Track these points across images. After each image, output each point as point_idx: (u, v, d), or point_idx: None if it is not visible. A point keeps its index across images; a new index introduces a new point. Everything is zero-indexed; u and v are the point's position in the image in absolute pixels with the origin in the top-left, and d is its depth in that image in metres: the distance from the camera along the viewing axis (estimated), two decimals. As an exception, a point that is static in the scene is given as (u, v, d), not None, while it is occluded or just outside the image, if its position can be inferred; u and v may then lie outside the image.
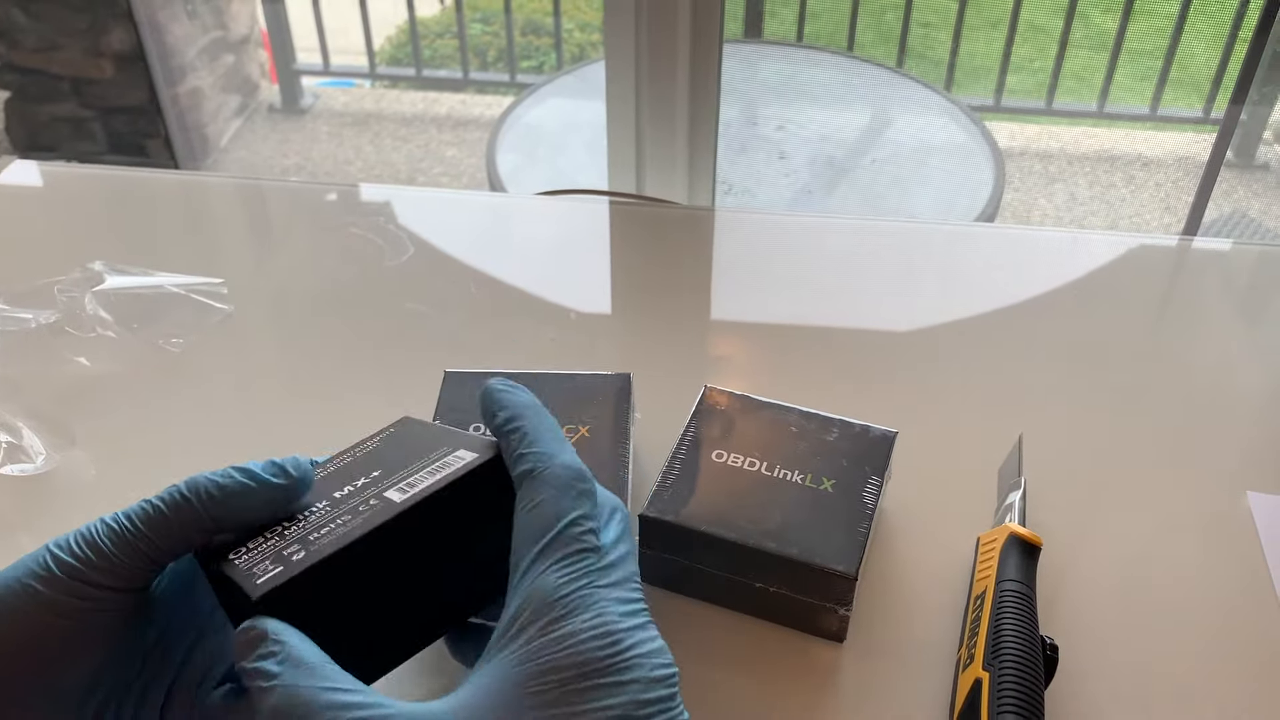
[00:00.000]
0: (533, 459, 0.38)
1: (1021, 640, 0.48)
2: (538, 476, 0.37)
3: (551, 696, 0.31)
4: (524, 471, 0.37)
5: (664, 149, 1.04)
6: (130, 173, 0.93)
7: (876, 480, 0.55)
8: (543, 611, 0.33)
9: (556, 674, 0.32)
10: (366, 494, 0.39)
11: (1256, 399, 0.69)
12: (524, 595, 0.34)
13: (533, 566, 0.35)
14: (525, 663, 0.32)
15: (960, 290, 0.78)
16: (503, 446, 0.39)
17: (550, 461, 0.37)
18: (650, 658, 0.33)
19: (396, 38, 3.14)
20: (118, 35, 2.28)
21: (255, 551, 0.37)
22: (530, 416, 0.39)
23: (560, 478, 0.37)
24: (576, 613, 0.33)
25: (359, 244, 0.82)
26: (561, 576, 0.34)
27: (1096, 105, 2.68)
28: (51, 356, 0.69)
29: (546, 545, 0.35)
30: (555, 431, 0.39)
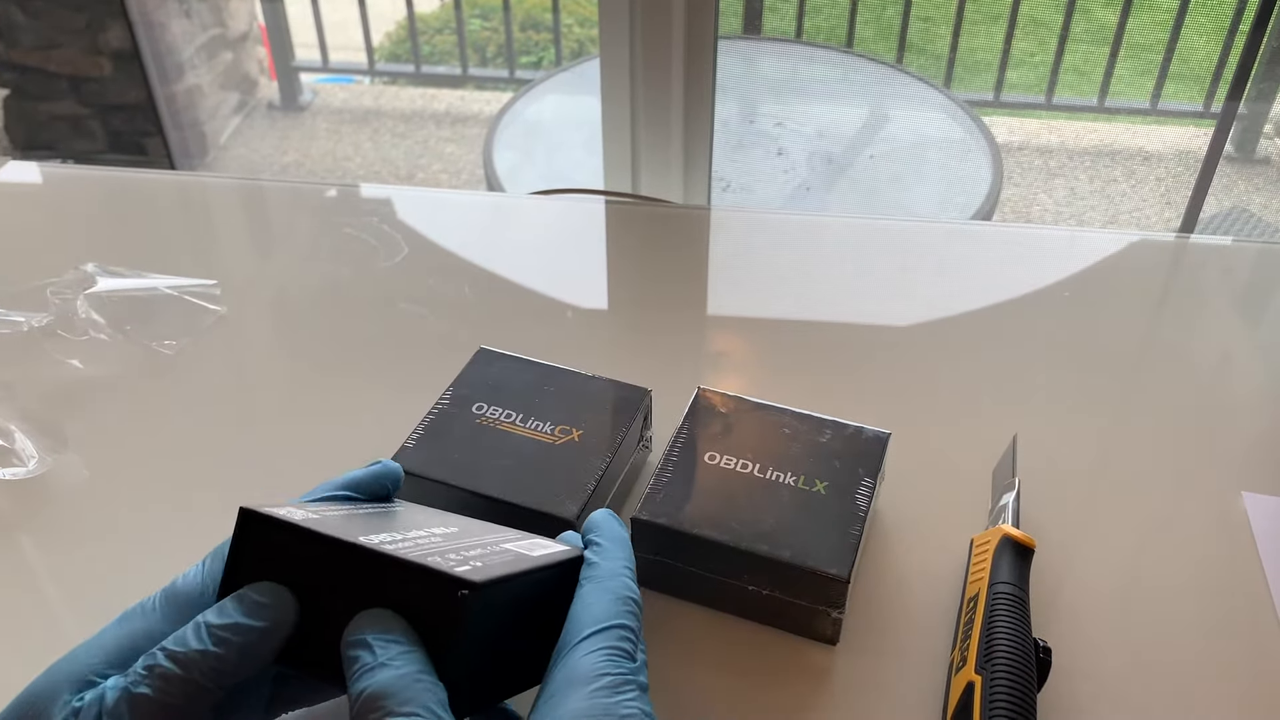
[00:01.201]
0: (600, 569, 0.42)
1: (1014, 643, 0.48)
2: (598, 583, 0.41)
3: None
4: (587, 576, 0.42)
5: (659, 148, 1.03)
6: (126, 173, 0.93)
7: (869, 482, 0.54)
8: (585, 683, 0.37)
9: None
10: (478, 540, 0.41)
11: (1253, 399, 0.69)
12: (567, 668, 0.37)
13: (580, 645, 0.38)
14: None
15: (956, 289, 0.78)
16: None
17: (614, 577, 0.42)
18: None
19: (395, 34, 3.13)
20: (116, 33, 2.27)
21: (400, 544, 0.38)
22: (616, 543, 0.44)
23: (618, 589, 0.41)
24: (619, 690, 0.37)
25: (353, 244, 0.82)
26: (605, 659, 0.38)
27: (1097, 100, 2.67)
28: (44, 359, 0.69)
29: (596, 632, 0.39)
30: (629, 561, 0.43)
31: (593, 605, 0.40)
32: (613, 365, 0.62)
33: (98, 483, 0.62)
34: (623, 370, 0.61)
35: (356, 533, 0.38)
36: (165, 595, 0.40)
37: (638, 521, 0.52)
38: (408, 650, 0.35)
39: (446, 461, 0.55)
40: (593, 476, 0.54)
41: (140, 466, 0.62)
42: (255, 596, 0.37)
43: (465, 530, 0.43)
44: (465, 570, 0.36)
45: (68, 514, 0.59)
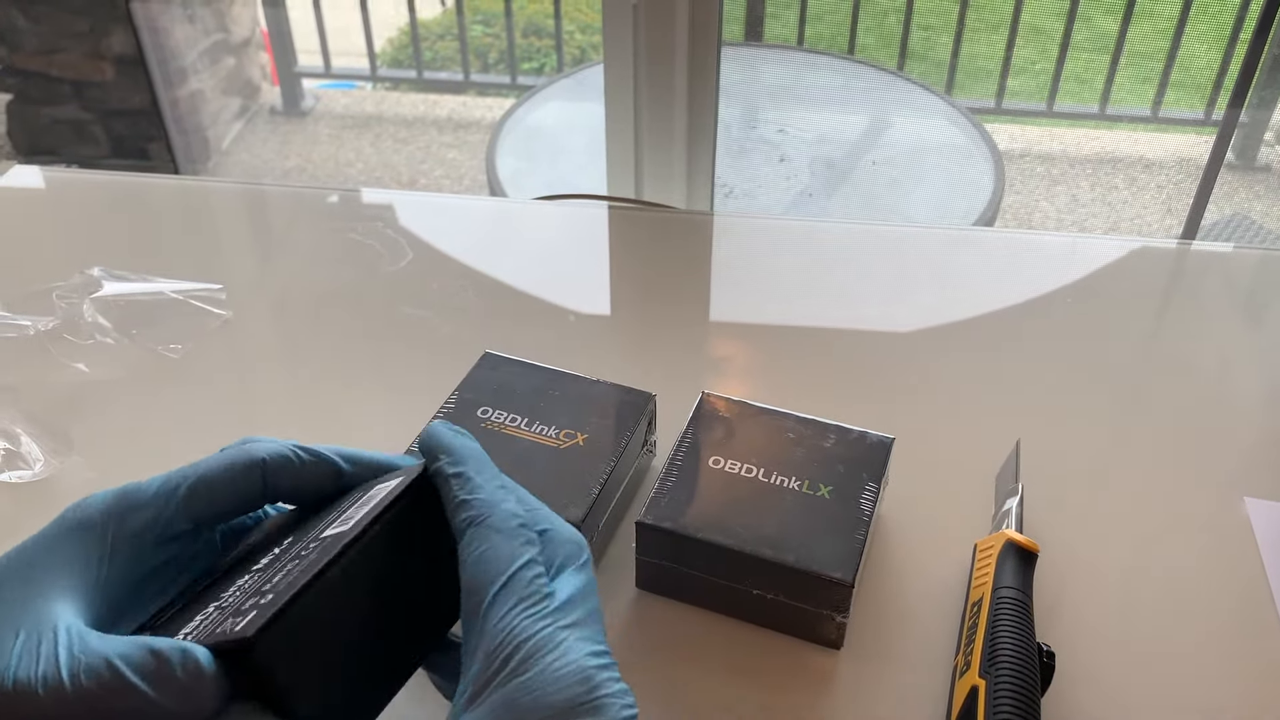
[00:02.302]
0: (476, 505, 0.37)
1: (1018, 648, 0.48)
2: (481, 524, 0.37)
3: None
4: (466, 519, 0.37)
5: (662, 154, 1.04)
6: (130, 178, 0.93)
7: (874, 486, 0.54)
8: (510, 656, 0.33)
9: (534, 716, 0.32)
10: (306, 541, 0.38)
11: (1254, 404, 0.69)
12: (488, 642, 0.34)
13: (489, 612, 0.34)
14: (499, 709, 0.32)
15: (958, 295, 0.78)
16: (443, 492, 0.39)
17: (493, 509, 0.37)
18: (618, 698, 0.33)
19: (398, 40, 3.14)
20: (119, 38, 2.28)
21: (207, 620, 0.35)
22: (473, 463, 0.39)
23: (505, 525, 0.37)
24: (544, 653, 0.33)
25: (357, 249, 0.82)
26: (523, 619, 0.34)
27: (1098, 107, 2.68)
28: (50, 363, 0.69)
29: (500, 590, 0.35)
30: (498, 480, 0.39)
31: (479, 561, 0.36)
32: (616, 370, 0.62)
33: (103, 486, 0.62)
34: (626, 375, 0.61)
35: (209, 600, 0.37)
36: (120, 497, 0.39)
37: (642, 526, 0.53)
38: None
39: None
40: (597, 481, 0.54)
41: (146, 470, 0.62)
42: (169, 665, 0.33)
43: (304, 533, 0.40)
44: (242, 624, 0.33)
45: (73, 517, 0.59)
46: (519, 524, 0.37)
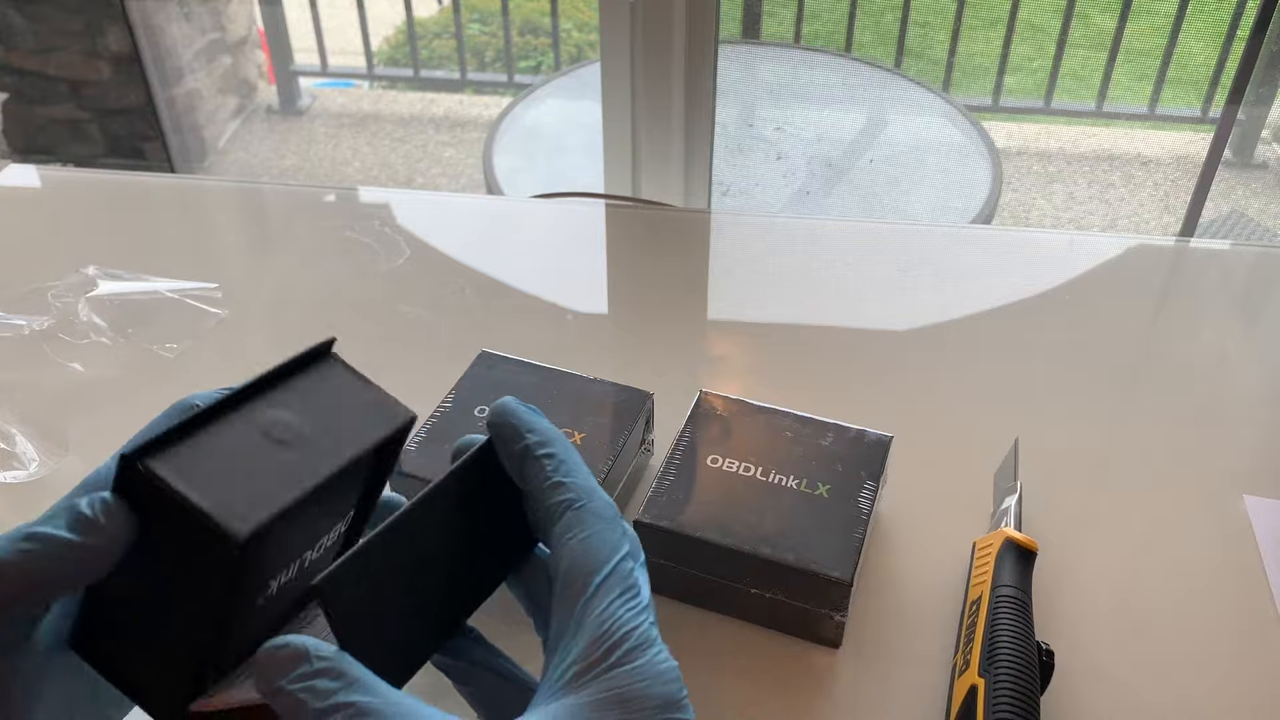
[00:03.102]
0: (575, 490, 0.37)
1: (1017, 646, 0.48)
2: (584, 509, 0.37)
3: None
4: (564, 501, 0.37)
5: (660, 152, 1.03)
6: (125, 177, 0.93)
7: (872, 485, 0.54)
8: (617, 645, 0.34)
9: (640, 705, 0.33)
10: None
11: (1254, 402, 0.69)
12: (593, 628, 0.34)
13: (594, 599, 0.35)
14: (608, 694, 0.33)
15: (956, 293, 0.78)
16: (529, 470, 0.38)
17: (594, 496, 0.37)
18: (690, 703, 0.35)
19: (394, 38, 3.14)
20: (115, 37, 2.27)
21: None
22: (561, 445, 0.39)
23: (605, 512, 0.37)
24: (647, 647, 0.34)
25: (354, 248, 0.82)
26: (625, 611, 0.35)
27: (1095, 104, 2.68)
28: (45, 362, 0.69)
29: (605, 580, 0.35)
30: (584, 465, 0.39)
31: (582, 546, 0.36)
32: (613, 368, 0.62)
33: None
34: (623, 373, 0.61)
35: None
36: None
37: (640, 525, 0.52)
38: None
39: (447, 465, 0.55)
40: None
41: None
42: (85, 511, 0.33)
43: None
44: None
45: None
46: (615, 513, 0.37)
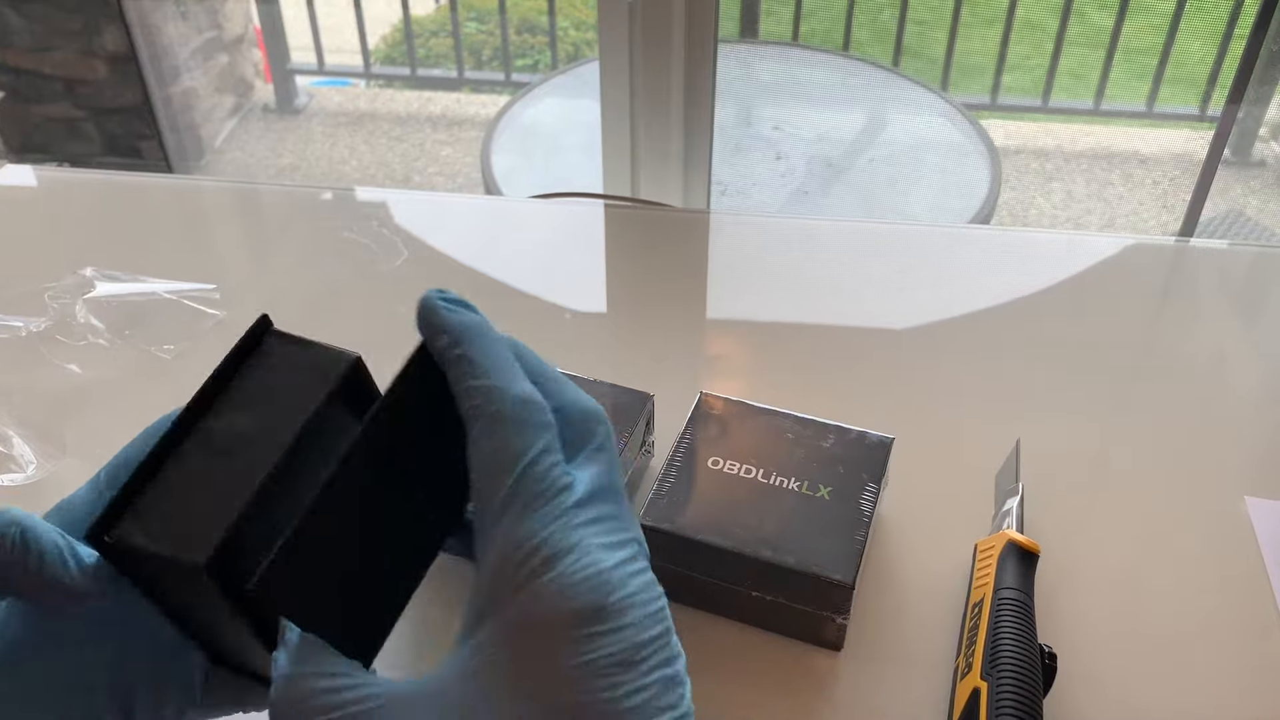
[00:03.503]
0: (481, 393, 0.34)
1: (1020, 649, 0.48)
2: (488, 414, 0.33)
3: (546, 651, 0.30)
4: (473, 408, 0.34)
5: (659, 151, 1.03)
6: (122, 176, 0.93)
7: (873, 487, 0.54)
8: (522, 564, 0.31)
9: (549, 628, 0.30)
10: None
11: (1255, 403, 0.68)
12: (498, 550, 0.31)
13: (502, 516, 0.32)
14: (514, 622, 0.30)
15: (957, 293, 0.78)
16: (449, 376, 0.35)
17: (502, 397, 0.33)
18: (640, 594, 0.31)
19: (391, 37, 3.13)
20: (111, 36, 2.27)
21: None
22: (477, 342, 0.35)
23: (514, 413, 0.33)
24: (560, 558, 0.31)
25: (352, 248, 0.81)
26: (534, 522, 0.31)
27: (1093, 103, 2.68)
28: (42, 364, 0.69)
29: (511, 490, 0.32)
30: (505, 358, 0.35)
31: (488, 456, 0.32)
32: (612, 369, 0.61)
33: (96, 488, 0.61)
34: (622, 375, 0.61)
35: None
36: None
37: (641, 527, 0.52)
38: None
39: None
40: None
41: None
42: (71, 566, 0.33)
43: None
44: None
45: (66, 520, 0.59)
46: (529, 410, 0.33)
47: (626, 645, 0.30)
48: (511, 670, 0.30)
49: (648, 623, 0.31)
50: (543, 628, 0.30)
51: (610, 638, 0.30)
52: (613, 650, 0.30)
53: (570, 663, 0.29)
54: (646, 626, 0.31)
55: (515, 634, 0.30)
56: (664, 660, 0.31)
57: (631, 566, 0.32)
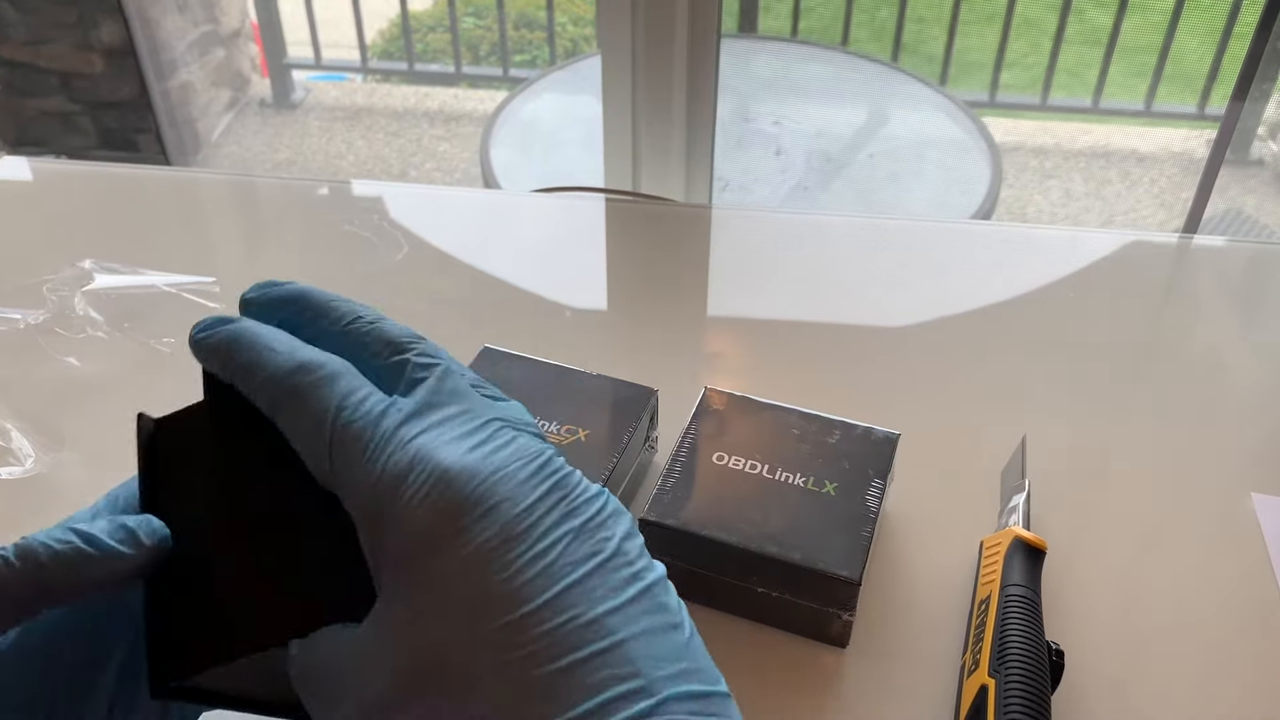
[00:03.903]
0: (264, 389, 0.33)
1: (1027, 646, 0.47)
2: (279, 403, 0.32)
3: (428, 573, 0.28)
4: (265, 405, 0.33)
5: (661, 145, 1.03)
6: (120, 169, 0.92)
7: (879, 483, 0.54)
8: (373, 509, 0.29)
9: (421, 549, 0.28)
10: None
11: (1261, 400, 0.68)
12: (356, 510, 0.30)
13: (342, 480, 0.31)
14: (395, 562, 0.29)
15: (960, 289, 0.78)
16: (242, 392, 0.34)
17: (280, 380, 0.32)
18: (509, 465, 0.30)
19: (388, 31, 3.12)
20: (107, 29, 2.26)
21: None
22: (243, 346, 0.34)
23: (296, 386, 0.32)
24: (401, 481, 0.29)
25: (353, 241, 0.81)
26: (366, 465, 0.30)
27: (1091, 101, 2.67)
28: (41, 357, 0.68)
29: (333, 452, 0.31)
30: (273, 341, 0.33)
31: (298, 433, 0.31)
32: (614, 364, 0.61)
33: (95, 482, 0.61)
34: (624, 369, 0.60)
35: None
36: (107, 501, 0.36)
37: (645, 523, 0.52)
38: None
39: None
40: (599, 477, 0.53)
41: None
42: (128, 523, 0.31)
43: None
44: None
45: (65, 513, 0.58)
46: (308, 371, 0.32)
47: (504, 520, 0.28)
48: (413, 606, 0.28)
49: (525, 490, 0.29)
50: (417, 552, 0.28)
51: (480, 524, 0.28)
52: (489, 534, 0.28)
53: (453, 569, 0.28)
54: (525, 493, 0.29)
55: (400, 573, 0.28)
56: (562, 515, 0.29)
57: (487, 447, 0.30)
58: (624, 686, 0.27)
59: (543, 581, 0.28)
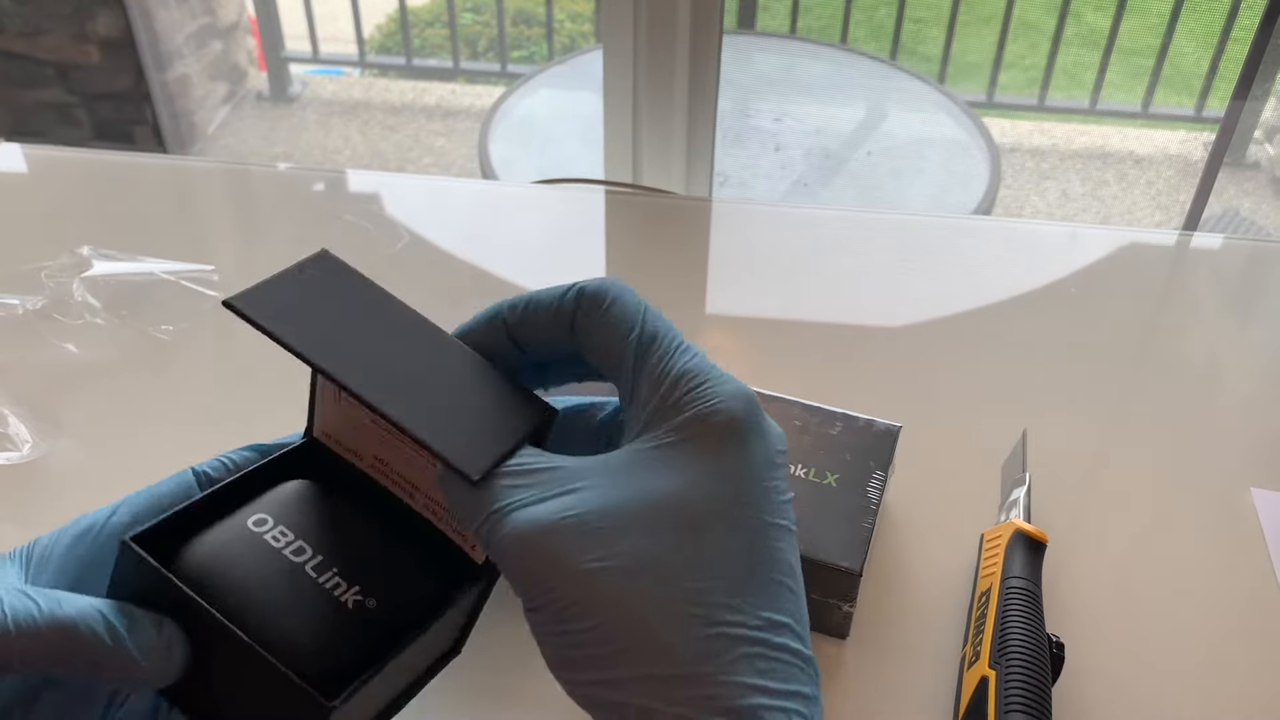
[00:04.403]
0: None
1: (1028, 638, 0.47)
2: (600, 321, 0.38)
3: (715, 445, 0.33)
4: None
5: (661, 139, 1.02)
6: (118, 156, 0.92)
7: (881, 475, 0.54)
8: (678, 383, 0.34)
9: (717, 426, 0.33)
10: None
11: (1261, 395, 0.68)
12: (651, 380, 0.35)
13: (642, 359, 0.36)
14: (688, 420, 0.33)
15: (960, 283, 0.78)
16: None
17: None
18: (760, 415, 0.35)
19: (386, 26, 3.12)
20: (104, 20, 2.25)
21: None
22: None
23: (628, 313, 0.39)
24: (707, 374, 0.35)
25: (352, 232, 0.81)
26: (673, 357, 0.36)
27: (1089, 102, 2.68)
28: (38, 343, 0.68)
29: (639, 340, 0.37)
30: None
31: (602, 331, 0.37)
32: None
33: (93, 468, 0.61)
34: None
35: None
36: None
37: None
38: None
39: None
40: None
41: (136, 452, 0.61)
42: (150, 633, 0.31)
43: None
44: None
45: (62, 499, 0.58)
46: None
47: (774, 443, 0.34)
48: (684, 454, 0.32)
49: (780, 437, 0.35)
50: (714, 426, 0.33)
51: (760, 441, 0.33)
52: (764, 450, 0.33)
53: (736, 457, 0.33)
54: (780, 437, 0.35)
55: (691, 428, 0.33)
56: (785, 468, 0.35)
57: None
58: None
59: (785, 510, 0.34)
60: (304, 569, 0.34)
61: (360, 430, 0.38)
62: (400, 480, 0.38)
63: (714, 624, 0.30)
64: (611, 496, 0.31)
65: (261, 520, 0.35)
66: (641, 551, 0.30)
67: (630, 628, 0.30)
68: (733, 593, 0.31)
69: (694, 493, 0.32)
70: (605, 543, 0.30)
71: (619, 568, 0.30)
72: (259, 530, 0.35)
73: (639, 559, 0.30)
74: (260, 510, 0.36)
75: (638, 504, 0.31)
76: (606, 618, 0.30)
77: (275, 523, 0.35)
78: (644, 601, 0.30)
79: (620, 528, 0.31)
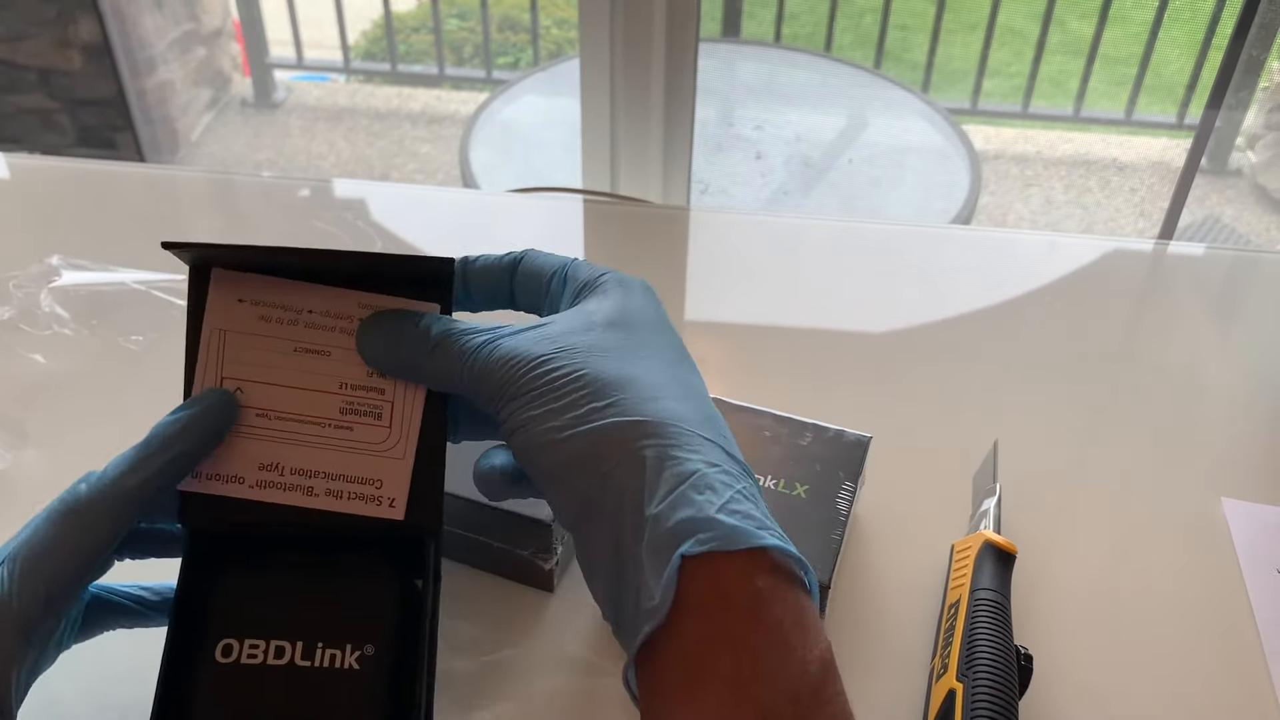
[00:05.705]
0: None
1: (996, 650, 0.47)
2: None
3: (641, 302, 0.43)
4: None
5: (639, 147, 1.02)
6: (95, 165, 0.91)
7: (850, 486, 0.54)
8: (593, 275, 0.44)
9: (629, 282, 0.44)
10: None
11: (1231, 405, 0.68)
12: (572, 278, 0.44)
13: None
14: (615, 282, 0.44)
15: (936, 293, 0.77)
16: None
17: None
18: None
19: (371, 32, 3.11)
20: (86, 26, 2.24)
21: None
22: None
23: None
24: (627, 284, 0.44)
25: (326, 240, 0.80)
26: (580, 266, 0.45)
27: (1072, 109, 2.69)
28: (5, 354, 0.67)
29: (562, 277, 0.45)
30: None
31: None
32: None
33: (60, 480, 0.59)
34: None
35: None
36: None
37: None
38: None
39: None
40: None
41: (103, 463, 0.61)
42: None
43: None
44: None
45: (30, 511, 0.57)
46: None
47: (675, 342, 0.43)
48: (608, 295, 0.42)
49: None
50: (628, 282, 0.44)
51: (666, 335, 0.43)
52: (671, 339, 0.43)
53: (650, 298, 0.44)
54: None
55: (609, 286, 0.43)
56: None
57: None
58: None
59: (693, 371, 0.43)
60: (297, 666, 0.34)
61: (261, 369, 0.40)
62: (293, 436, 0.38)
63: (654, 389, 0.38)
64: (560, 324, 0.40)
65: (228, 648, 0.35)
66: (591, 341, 0.39)
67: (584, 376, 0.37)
68: (668, 373, 0.39)
69: (619, 312, 0.41)
70: (556, 340, 0.39)
71: (570, 347, 0.38)
72: (229, 660, 0.35)
73: (591, 346, 0.39)
74: (219, 637, 0.36)
75: (580, 322, 0.40)
76: (562, 367, 0.37)
77: (239, 640, 0.35)
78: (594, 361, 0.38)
79: (570, 330, 0.39)
